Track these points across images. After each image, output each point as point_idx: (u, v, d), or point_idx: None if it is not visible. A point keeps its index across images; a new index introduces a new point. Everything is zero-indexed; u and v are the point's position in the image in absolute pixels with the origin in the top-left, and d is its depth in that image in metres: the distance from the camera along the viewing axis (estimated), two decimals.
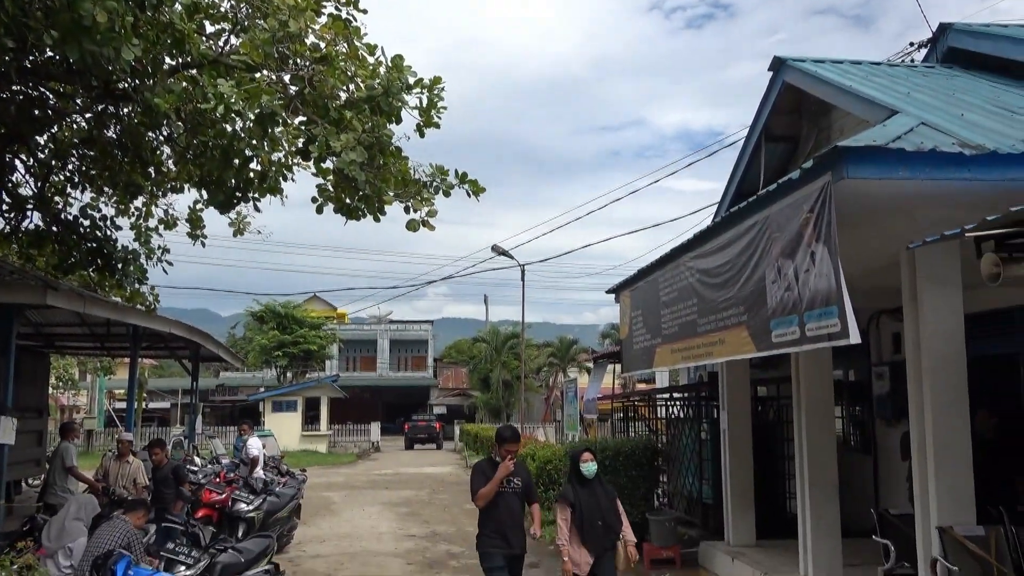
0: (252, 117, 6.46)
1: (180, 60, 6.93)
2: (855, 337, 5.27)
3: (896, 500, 9.37)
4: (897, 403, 9.81)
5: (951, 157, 5.41)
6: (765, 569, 9.10)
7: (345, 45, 7.16)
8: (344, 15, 7.19)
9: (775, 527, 10.52)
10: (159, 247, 9.70)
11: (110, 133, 8.20)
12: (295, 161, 7.41)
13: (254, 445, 14.25)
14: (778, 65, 9.71)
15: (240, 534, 10.58)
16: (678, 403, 13.91)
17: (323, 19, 7.15)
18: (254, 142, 6.94)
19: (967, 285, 6.29)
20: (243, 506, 11.40)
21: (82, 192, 9.35)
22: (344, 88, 7.15)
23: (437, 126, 7.08)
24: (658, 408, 15.08)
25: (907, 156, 5.37)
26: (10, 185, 9.04)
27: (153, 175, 8.63)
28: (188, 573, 7.04)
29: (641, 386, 32.16)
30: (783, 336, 6.25)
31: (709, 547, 10.80)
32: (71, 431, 11.78)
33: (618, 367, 14.28)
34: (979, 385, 6.71)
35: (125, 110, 7.76)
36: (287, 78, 7.11)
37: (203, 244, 9.18)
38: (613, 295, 12.21)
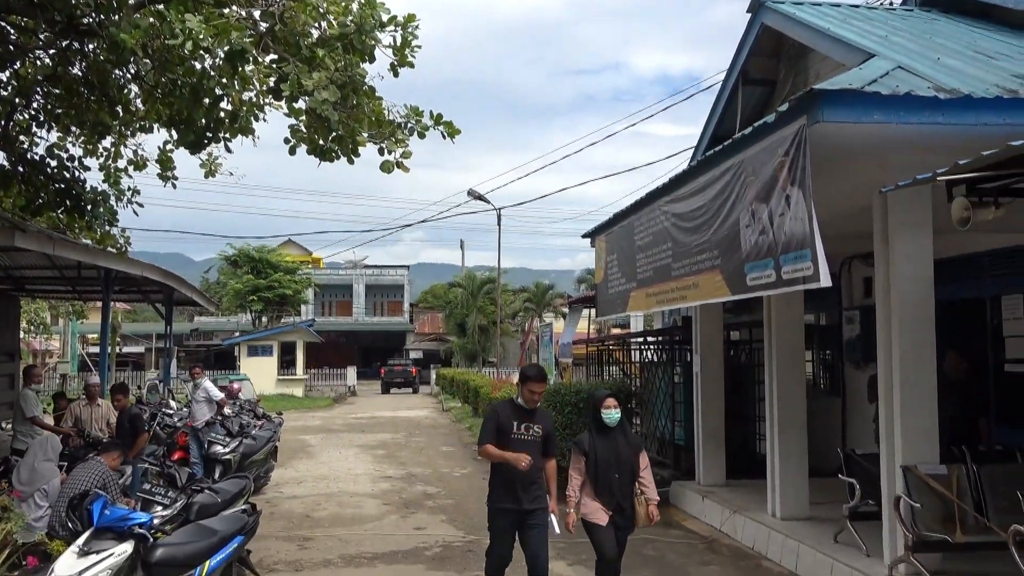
0: (221, 54, 6.28)
1: None
2: (826, 280, 5.33)
3: (863, 441, 9.59)
4: (866, 347, 9.98)
5: (926, 101, 5.42)
6: (734, 507, 9.33)
7: None
8: None
9: (745, 467, 10.77)
10: (129, 188, 9.50)
11: (75, 70, 7.97)
12: (267, 100, 7.24)
13: (213, 387, 14.13)
14: (757, 7, 9.60)
15: (217, 475, 10.67)
16: (652, 347, 14.06)
17: None
18: (224, 80, 6.76)
19: (937, 230, 6.36)
20: (219, 448, 11.47)
21: (48, 131, 9.11)
22: (316, 25, 6.96)
23: (411, 65, 6.93)
24: (632, 352, 15.24)
25: (882, 100, 5.37)
26: None
27: (121, 114, 8.41)
28: (165, 513, 7.10)
29: (616, 331, 32.45)
30: (758, 279, 6.30)
31: (680, 487, 11.05)
32: (31, 375, 11.52)
33: (593, 312, 14.38)
34: (948, 329, 6.84)
35: (90, 46, 7.53)
36: (257, 14, 6.92)
37: (174, 186, 9.01)
38: (589, 240, 12.22)
